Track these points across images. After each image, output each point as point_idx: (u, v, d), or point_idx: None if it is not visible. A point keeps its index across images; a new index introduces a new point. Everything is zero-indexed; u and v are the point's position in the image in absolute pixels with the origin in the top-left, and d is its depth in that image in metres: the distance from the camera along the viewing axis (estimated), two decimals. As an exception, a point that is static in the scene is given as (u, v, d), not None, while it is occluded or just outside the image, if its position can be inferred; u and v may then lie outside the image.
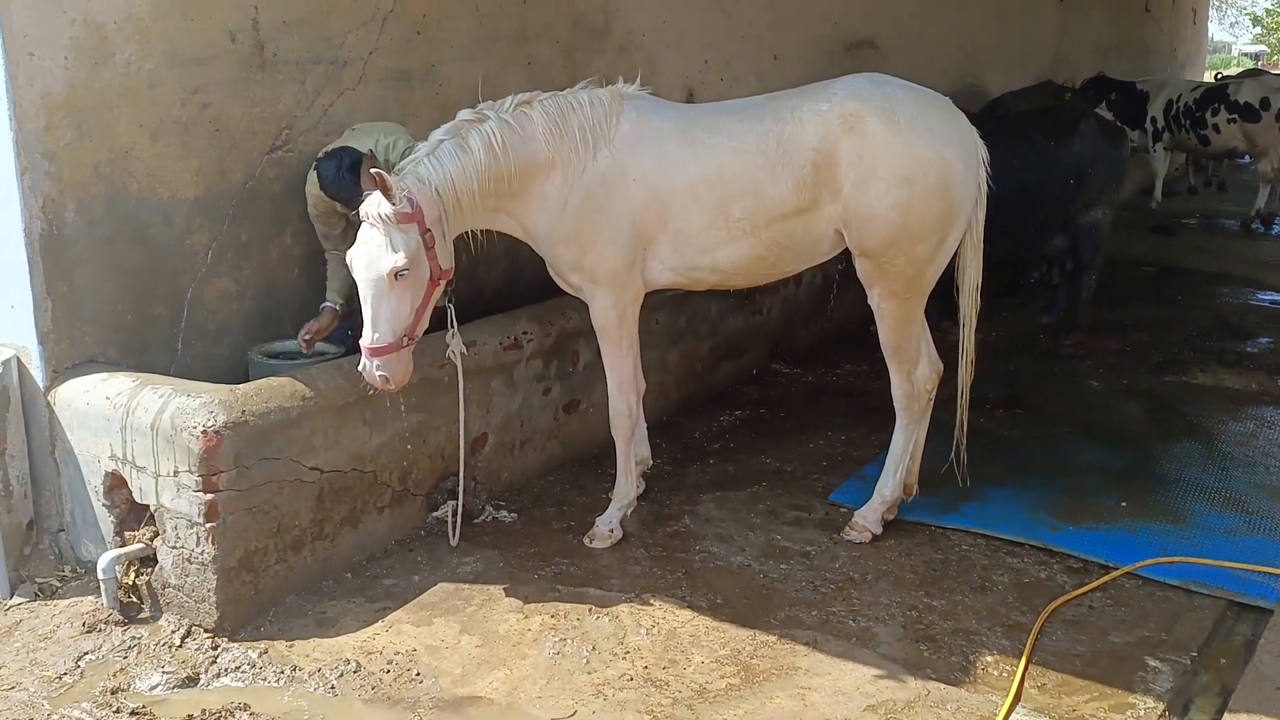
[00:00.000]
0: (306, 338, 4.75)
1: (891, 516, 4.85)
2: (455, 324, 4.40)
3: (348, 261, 4.01)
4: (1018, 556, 4.65)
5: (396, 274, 3.90)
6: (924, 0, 9.84)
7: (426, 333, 4.23)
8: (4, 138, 3.99)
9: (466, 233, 4.35)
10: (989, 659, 3.92)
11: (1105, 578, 4.44)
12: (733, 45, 7.56)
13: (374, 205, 3.89)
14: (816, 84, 4.53)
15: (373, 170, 3.83)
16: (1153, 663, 3.89)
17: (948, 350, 5.01)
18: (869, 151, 4.24)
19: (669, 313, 6.04)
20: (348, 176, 4.33)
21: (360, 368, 4.04)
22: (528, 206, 4.33)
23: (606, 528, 4.70)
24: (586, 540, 4.69)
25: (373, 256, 3.91)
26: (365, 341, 3.97)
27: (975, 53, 10.96)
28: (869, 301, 4.58)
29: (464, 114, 4.22)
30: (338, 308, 4.83)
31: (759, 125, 4.34)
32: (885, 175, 4.25)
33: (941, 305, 7.64)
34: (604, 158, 4.29)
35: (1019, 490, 5.22)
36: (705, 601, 4.27)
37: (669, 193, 4.33)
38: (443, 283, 4.13)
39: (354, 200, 4.19)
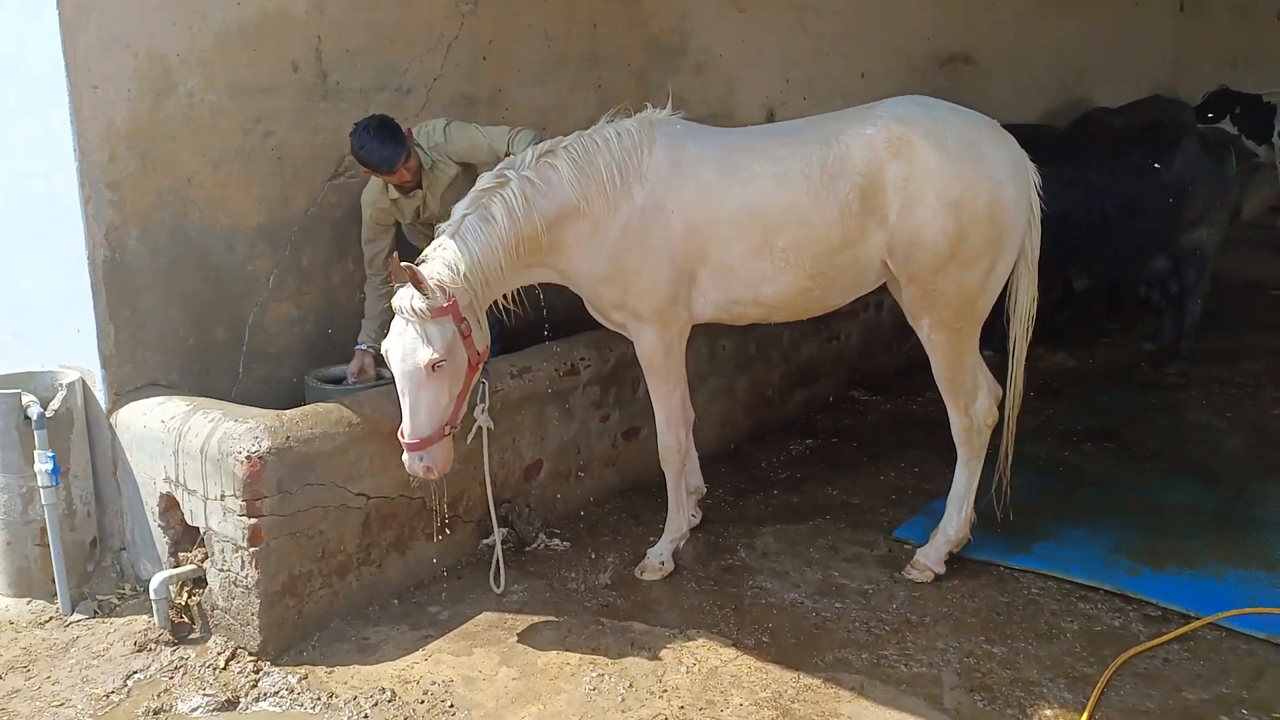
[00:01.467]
0: (351, 382, 4.80)
1: (956, 549, 4.65)
2: (487, 398, 4.34)
3: (383, 353, 3.96)
4: (1091, 602, 4.41)
5: (434, 366, 3.84)
6: (1025, 10, 9.52)
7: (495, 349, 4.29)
8: (68, 169, 4.15)
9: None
10: (1048, 713, 3.71)
11: (1185, 628, 4.17)
12: (816, 63, 7.43)
13: (407, 299, 3.83)
14: (860, 107, 4.42)
15: (404, 265, 3.78)
16: (1229, 724, 3.63)
17: (1034, 376, 4.79)
18: (916, 175, 4.13)
19: (737, 339, 5.94)
20: (372, 135, 4.43)
21: (404, 459, 4.00)
22: (564, 253, 4.23)
23: (658, 560, 4.63)
24: (637, 572, 4.62)
25: (408, 349, 3.85)
26: (406, 436, 3.93)
27: (1082, 66, 10.55)
28: (918, 334, 4.45)
29: (484, 180, 4.11)
30: (371, 351, 4.81)
31: (802, 149, 4.22)
32: (932, 200, 4.14)
33: (1035, 330, 7.40)
34: (639, 192, 4.17)
35: (1097, 530, 4.95)
36: (751, 639, 4.16)
37: (708, 224, 4.20)
38: (481, 365, 4.06)
39: (385, 163, 4.45)
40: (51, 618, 4.33)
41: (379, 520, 4.34)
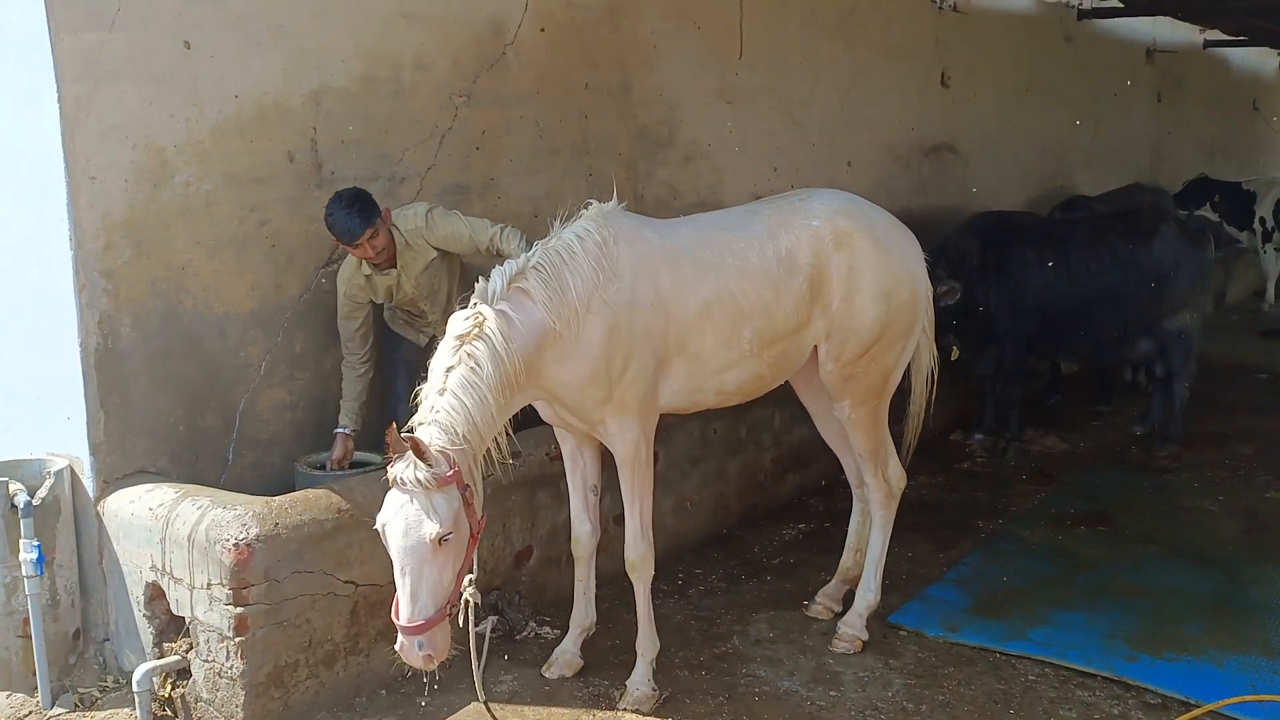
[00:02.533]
0: (334, 469, 4.76)
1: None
2: (475, 568, 3.74)
3: (378, 529, 3.54)
4: (1089, 689, 4.36)
5: (441, 540, 3.46)
6: (1007, 100, 9.74)
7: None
8: (63, 257, 4.18)
9: None
10: (1048, 804, 3.63)
11: (1186, 716, 4.11)
12: (803, 152, 7.57)
13: (408, 470, 3.43)
14: (786, 196, 4.67)
15: (403, 435, 3.45)
16: (1231, 815, 3.56)
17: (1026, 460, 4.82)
18: (857, 267, 4.41)
19: (728, 422, 5.95)
20: (342, 205, 4.48)
21: (398, 647, 3.54)
22: (545, 373, 3.97)
23: (647, 688, 4.29)
24: (621, 706, 4.26)
25: (411, 524, 3.44)
26: (403, 619, 3.49)
27: (1065, 154, 10.77)
28: (836, 413, 4.68)
29: (459, 323, 3.77)
30: (351, 434, 4.80)
31: (755, 242, 4.33)
32: (869, 289, 4.43)
33: (1025, 414, 7.44)
34: (618, 290, 4.03)
35: (1094, 615, 4.92)
36: (745, 730, 4.09)
37: (684, 314, 4.19)
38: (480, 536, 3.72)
39: (347, 233, 4.48)
40: (31, 711, 4.23)
41: (367, 608, 4.28)
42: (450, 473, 3.49)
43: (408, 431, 3.50)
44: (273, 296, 4.81)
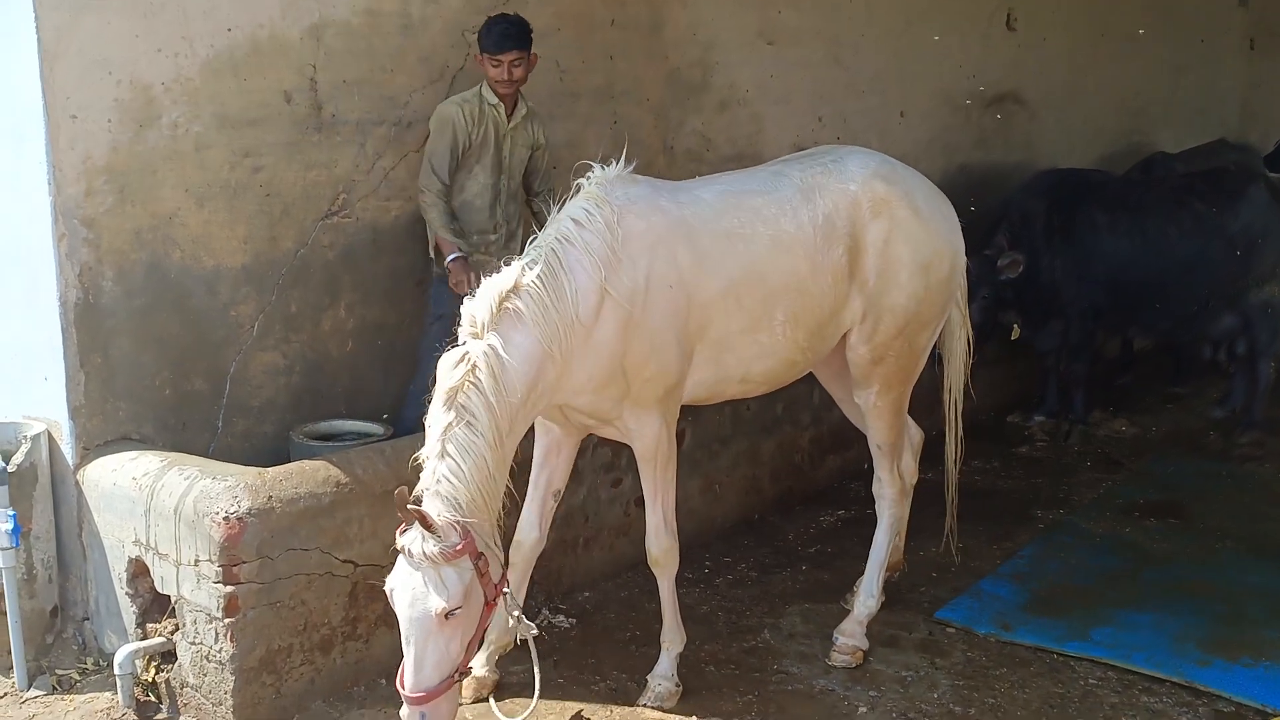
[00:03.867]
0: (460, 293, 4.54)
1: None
2: (520, 605, 3.94)
3: (387, 592, 3.59)
4: (1155, 695, 4.38)
5: (447, 615, 3.47)
6: (1080, 48, 9.64)
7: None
8: (42, 203, 4.23)
9: None
10: (1107, 818, 3.66)
11: (1261, 725, 4.13)
12: (851, 101, 7.53)
13: (416, 543, 3.47)
14: (813, 155, 4.61)
15: (410, 507, 3.46)
16: (1309, 834, 3.58)
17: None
18: (895, 238, 4.36)
19: (762, 399, 5.91)
20: (507, 16, 4.92)
21: (402, 714, 3.57)
22: (547, 389, 3.86)
23: (670, 684, 4.31)
24: (642, 703, 4.29)
25: (417, 595, 3.48)
26: (407, 689, 3.53)
27: (1142, 108, 10.65)
28: (858, 400, 4.66)
29: (447, 372, 3.64)
30: (466, 256, 4.92)
31: (790, 207, 4.26)
32: (908, 263, 4.39)
33: (1092, 395, 7.42)
34: (625, 275, 3.92)
35: (1163, 616, 4.93)
36: (775, 731, 4.13)
37: (708, 295, 4.10)
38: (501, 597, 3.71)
39: (504, 38, 4.84)
40: (6, 693, 4.32)
41: (367, 591, 4.33)
42: (460, 545, 3.48)
43: (415, 503, 3.48)
44: (266, 251, 4.85)
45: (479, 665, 4.36)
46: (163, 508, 4.11)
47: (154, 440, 4.56)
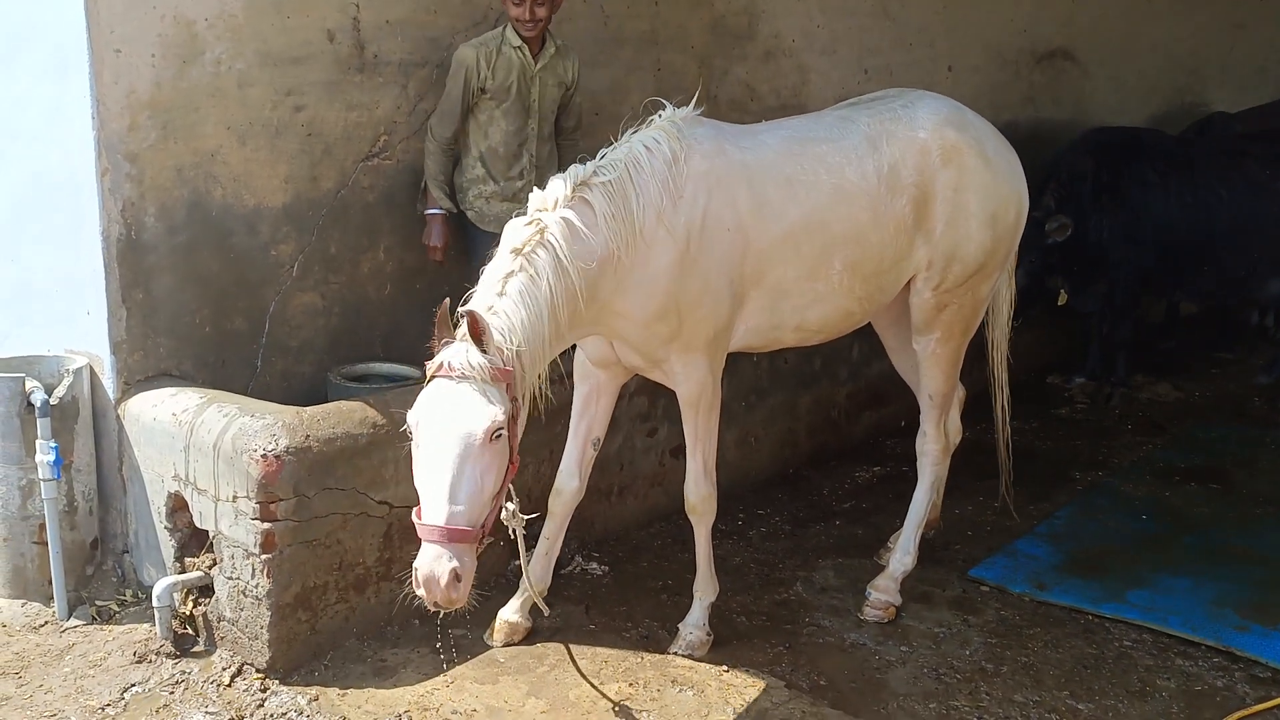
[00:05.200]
0: (437, 257, 5.02)
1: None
2: (514, 498, 3.70)
3: (411, 425, 3.32)
4: (1191, 659, 4.35)
5: (494, 435, 3.25)
6: (1136, 4, 9.45)
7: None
8: (85, 138, 4.24)
9: None
10: (1138, 778, 3.66)
11: (1299, 692, 4.10)
12: (898, 53, 7.42)
13: (459, 355, 3.28)
14: (883, 99, 4.54)
15: (465, 309, 3.31)
16: (1344, 801, 3.56)
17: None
18: (964, 186, 4.33)
19: (800, 352, 5.91)
20: None
21: (420, 562, 3.26)
22: (604, 299, 3.83)
23: (701, 633, 4.33)
24: (673, 651, 4.30)
25: (462, 412, 3.22)
26: (435, 518, 3.22)
27: (1197, 67, 10.43)
28: (916, 346, 4.64)
29: (517, 230, 3.63)
30: (445, 215, 4.99)
31: (855, 155, 4.22)
32: (976, 213, 4.37)
33: (1135, 358, 7.34)
34: (684, 214, 3.91)
35: (1201, 580, 4.90)
36: (806, 682, 4.15)
37: (766, 241, 4.08)
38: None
39: None
40: (47, 622, 4.41)
41: (402, 532, 4.37)
42: (505, 368, 3.32)
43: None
44: (307, 190, 4.86)
45: (512, 611, 4.42)
46: (202, 444, 4.15)
47: (193, 377, 4.60)
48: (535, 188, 3.84)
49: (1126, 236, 6.93)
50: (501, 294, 3.48)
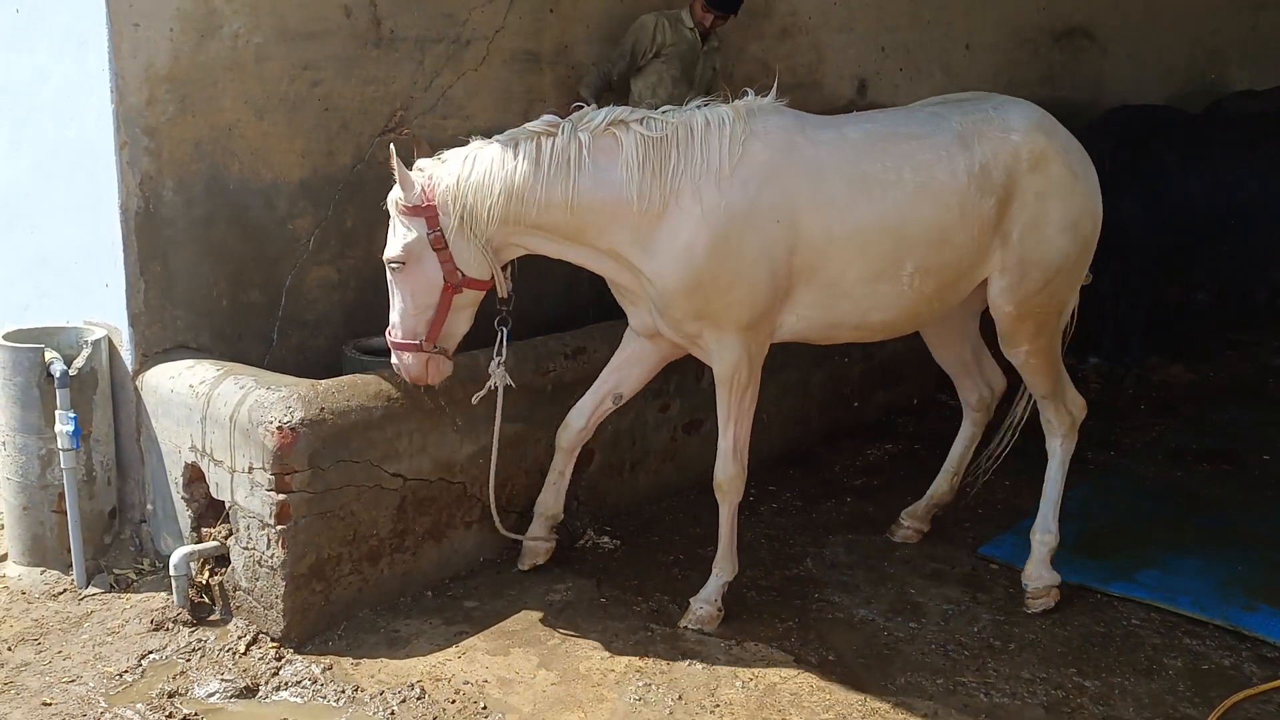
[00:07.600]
0: None
1: None
2: (503, 352, 4.30)
3: None
4: (1199, 638, 4.37)
5: (390, 264, 4.02)
6: (1154, -18, 9.39)
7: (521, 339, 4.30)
8: (104, 112, 4.27)
9: None
10: (1144, 755, 3.68)
11: (1306, 672, 4.11)
12: (915, 31, 7.39)
13: (393, 192, 4.03)
14: (973, 100, 4.47)
15: (393, 161, 3.94)
16: (1348, 780, 3.58)
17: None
18: (1049, 193, 4.26)
19: (814, 329, 5.94)
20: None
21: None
22: (617, 244, 4.02)
23: (712, 607, 4.36)
24: (683, 624, 4.33)
25: (386, 243, 4.07)
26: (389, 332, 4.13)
27: (1217, 47, 10.36)
28: (1010, 359, 4.57)
29: (542, 120, 4.01)
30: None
31: (946, 154, 4.14)
32: (1058, 220, 4.30)
33: (1150, 339, 7.30)
34: (731, 193, 3.93)
35: (1211, 560, 4.90)
36: (815, 656, 4.17)
37: (825, 240, 4.05)
38: (470, 293, 4.07)
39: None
40: (66, 589, 4.47)
41: (415, 504, 4.41)
42: (420, 205, 3.92)
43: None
44: (324, 165, 4.88)
45: (539, 532, 4.62)
46: (218, 415, 4.19)
47: (210, 349, 4.64)
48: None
49: (1144, 217, 6.90)
50: (467, 156, 3.97)
